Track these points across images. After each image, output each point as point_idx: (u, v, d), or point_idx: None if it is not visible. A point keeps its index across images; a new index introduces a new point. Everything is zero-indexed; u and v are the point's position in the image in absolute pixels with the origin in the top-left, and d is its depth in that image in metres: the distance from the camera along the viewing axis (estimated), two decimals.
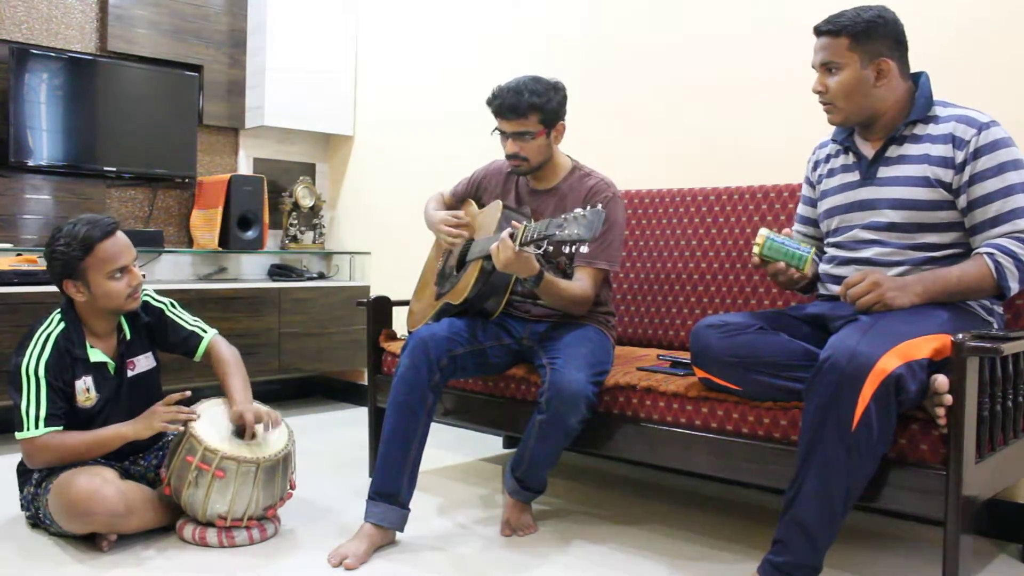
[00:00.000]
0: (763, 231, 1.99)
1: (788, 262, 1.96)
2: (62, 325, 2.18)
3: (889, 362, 1.60)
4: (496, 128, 2.35)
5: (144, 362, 2.33)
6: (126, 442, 2.17)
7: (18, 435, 2.10)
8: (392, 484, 2.15)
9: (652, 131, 3.04)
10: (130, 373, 2.28)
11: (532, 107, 2.26)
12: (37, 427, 2.08)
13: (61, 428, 2.12)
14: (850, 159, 2.03)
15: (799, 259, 1.94)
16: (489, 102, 2.31)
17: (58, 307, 2.24)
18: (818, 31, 1.94)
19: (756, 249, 1.98)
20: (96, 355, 2.21)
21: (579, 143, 2.78)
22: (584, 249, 1.89)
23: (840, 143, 2.06)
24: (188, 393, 2.25)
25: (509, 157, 2.36)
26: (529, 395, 2.36)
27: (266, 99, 3.90)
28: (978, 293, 1.83)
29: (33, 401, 2.09)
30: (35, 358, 2.12)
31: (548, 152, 2.37)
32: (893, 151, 1.94)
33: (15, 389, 2.12)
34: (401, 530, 2.18)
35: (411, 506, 2.20)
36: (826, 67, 1.93)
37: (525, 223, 2.04)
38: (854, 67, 1.89)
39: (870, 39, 1.88)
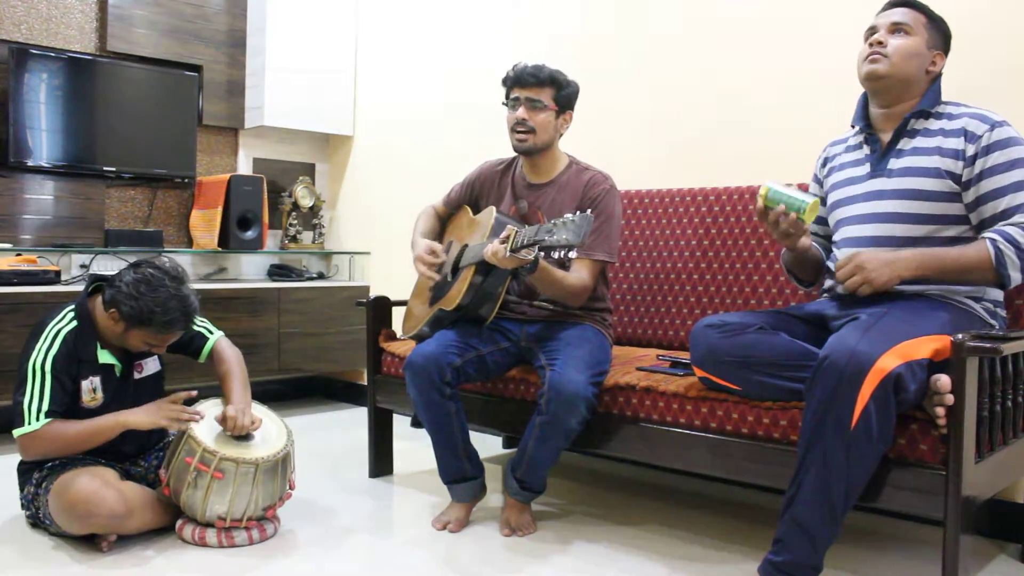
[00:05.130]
0: (768, 181, 1.97)
1: (789, 205, 1.91)
2: (74, 323, 2.17)
3: (888, 361, 1.60)
4: (508, 99, 2.39)
5: (151, 365, 2.33)
6: (125, 429, 2.14)
7: (16, 432, 2.08)
8: (457, 472, 2.35)
9: (652, 131, 3.04)
10: (137, 375, 2.29)
11: (552, 79, 2.36)
12: (37, 420, 2.06)
13: (59, 420, 2.10)
14: (862, 153, 2.04)
15: (800, 203, 1.90)
16: (508, 74, 2.40)
17: (72, 304, 2.22)
18: (894, 2, 2.00)
19: (760, 200, 1.94)
20: (105, 356, 2.20)
21: (579, 143, 2.78)
22: (572, 255, 1.92)
23: (862, 130, 2.06)
24: (195, 393, 2.26)
25: (516, 126, 2.37)
26: (529, 395, 2.36)
27: (266, 99, 3.90)
28: (975, 277, 1.83)
29: (36, 395, 2.08)
30: (43, 353, 2.10)
31: (552, 135, 2.40)
32: (904, 143, 1.95)
33: (20, 383, 2.11)
34: (485, 493, 2.42)
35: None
36: (896, 27, 1.96)
37: (516, 229, 2.06)
38: (920, 41, 1.95)
39: (938, 29, 1.97)
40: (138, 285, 2.10)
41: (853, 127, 2.10)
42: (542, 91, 2.35)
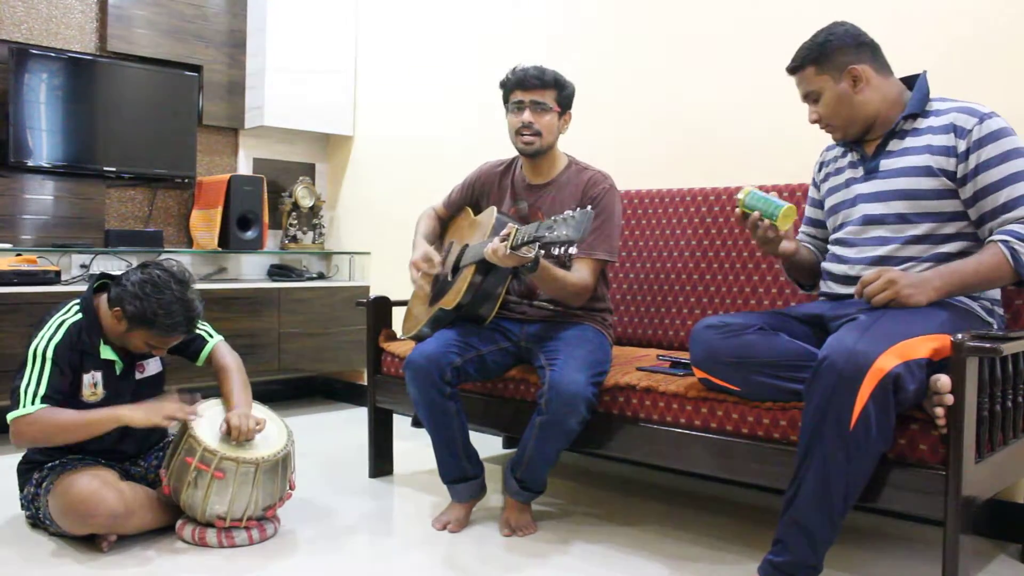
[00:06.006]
0: (747, 186, 2.02)
1: (763, 211, 1.95)
2: (79, 316, 2.17)
3: (887, 361, 1.60)
4: (510, 103, 2.38)
5: (153, 366, 2.33)
6: (120, 424, 2.11)
7: (10, 415, 2.06)
8: (456, 471, 2.35)
9: (652, 131, 3.04)
10: (139, 375, 2.29)
11: (555, 81, 2.36)
12: (33, 403, 2.05)
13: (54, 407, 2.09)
14: (855, 156, 2.04)
15: (774, 209, 1.93)
16: (508, 77, 2.39)
17: (77, 299, 2.22)
18: (788, 71, 2.04)
19: (738, 198, 2.00)
20: (107, 353, 2.20)
21: (579, 143, 2.78)
22: (573, 251, 1.92)
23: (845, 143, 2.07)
24: (199, 396, 2.26)
25: (521, 129, 2.36)
26: (528, 396, 2.36)
27: (266, 99, 3.90)
28: (996, 282, 1.82)
29: (34, 380, 2.07)
30: (45, 339, 2.10)
31: (555, 136, 2.40)
32: (895, 145, 1.95)
33: (19, 368, 2.11)
34: (485, 493, 2.42)
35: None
36: (808, 98, 2.01)
37: (517, 227, 2.06)
38: (829, 87, 1.96)
39: (830, 57, 1.95)
40: (144, 286, 2.10)
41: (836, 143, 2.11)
42: (546, 93, 2.35)
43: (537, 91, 2.34)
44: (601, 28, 3.20)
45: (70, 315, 2.17)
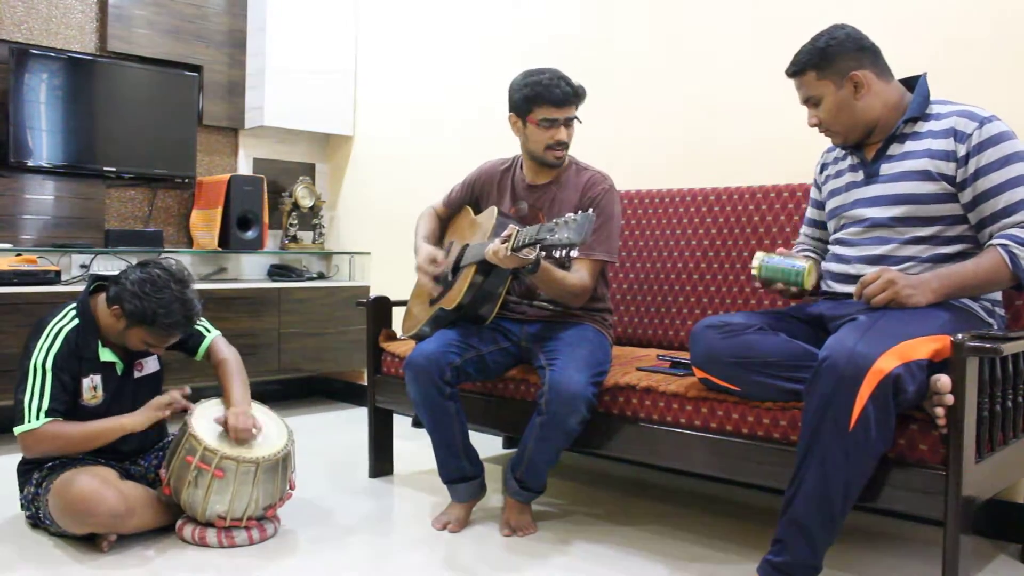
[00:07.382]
0: (758, 254, 2.05)
1: (785, 281, 2.00)
2: (76, 321, 2.18)
3: (887, 362, 1.60)
4: (540, 119, 2.30)
5: (151, 364, 2.34)
6: (124, 433, 2.16)
7: (17, 430, 2.09)
8: (456, 471, 2.35)
9: (652, 131, 3.04)
10: (137, 374, 2.29)
11: (584, 94, 2.34)
12: (37, 419, 2.07)
13: (60, 420, 2.11)
14: (855, 160, 2.04)
15: (796, 275, 1.98)
16: (541, 92, 2.27)
17: (73, 302, 2.23)
18: (788, 74, 2.01)
19: (754, 272, 2.04)
20: (106, 355, 2.21)
21: (581, 143, 2.77)
22: (574, 253, 1.92)
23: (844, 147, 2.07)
24: (187, 390, 2.26)
25: (556, 146, 2.33)
26: (528, 396, 2.36)
27: (266, 99, 3.91)
28: (995, 286, 1.82)
29: (36, 394, 2.09)
30: (44, 351, 2.11)
31: None
32: (895, 149, 1.95)
33: (21, 381, 2.12)
34: (485, 493, 2.42)
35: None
36: (809, 102, 2.00)
37: (518, 228, 2.05)
38: (830, 92, 1.95)
39: (832, 62, 1.93)
40: (143, 285, 2.11)
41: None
42: (576, 108, 2.34)
43: (574, 107, 2.32)
44: (601, 28, 3.20)
45: (66, 321, 2.17)
